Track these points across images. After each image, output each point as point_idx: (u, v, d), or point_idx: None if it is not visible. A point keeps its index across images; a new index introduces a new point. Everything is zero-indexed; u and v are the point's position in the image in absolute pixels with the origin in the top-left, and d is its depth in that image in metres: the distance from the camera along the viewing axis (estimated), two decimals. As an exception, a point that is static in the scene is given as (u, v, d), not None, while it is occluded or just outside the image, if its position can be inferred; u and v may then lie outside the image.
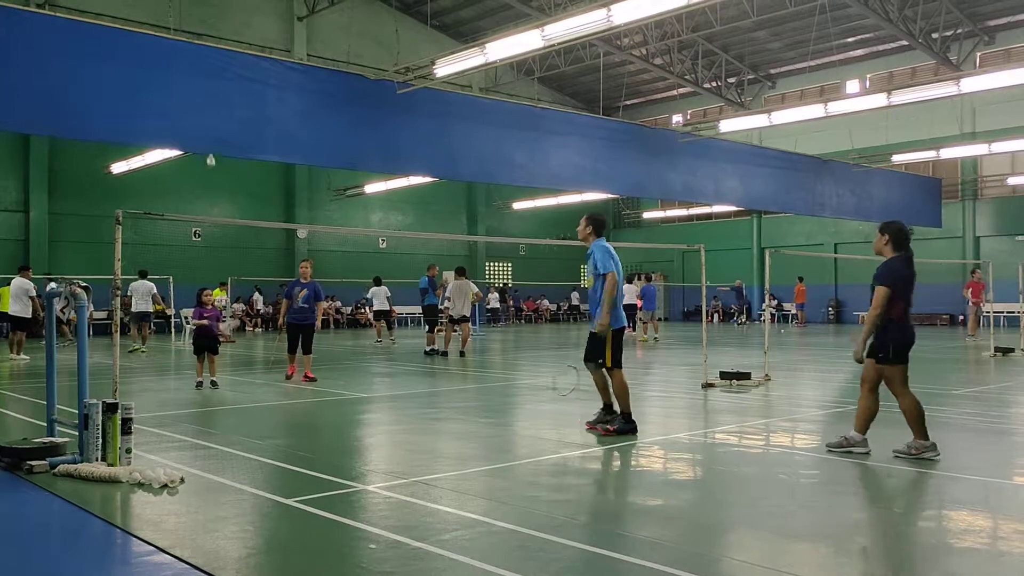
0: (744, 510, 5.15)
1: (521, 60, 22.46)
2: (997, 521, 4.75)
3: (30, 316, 16.60)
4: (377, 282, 22.06)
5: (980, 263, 23.05)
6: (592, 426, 7.61)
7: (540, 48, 13.61)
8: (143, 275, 19.17)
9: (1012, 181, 29.52)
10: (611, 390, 7.55)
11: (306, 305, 12.27)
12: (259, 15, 30.26)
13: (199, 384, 11.29)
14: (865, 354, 6.29)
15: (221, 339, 11.91)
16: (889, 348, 6.20)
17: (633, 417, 7.49)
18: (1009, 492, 5.52)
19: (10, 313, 16.54)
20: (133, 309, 18.90)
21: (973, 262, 25.22)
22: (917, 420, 6.22)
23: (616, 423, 7.45)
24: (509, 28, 16.15)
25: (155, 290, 19.20)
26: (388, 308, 21.59)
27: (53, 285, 6.43)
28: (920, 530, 4.60)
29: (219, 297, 22.90)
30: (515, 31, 13.59)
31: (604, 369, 7.53)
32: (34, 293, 16.60)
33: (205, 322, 11.60)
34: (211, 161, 22.22)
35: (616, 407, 7.59)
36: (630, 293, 24.26)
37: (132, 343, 18.55)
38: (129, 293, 18.99)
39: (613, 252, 7.66)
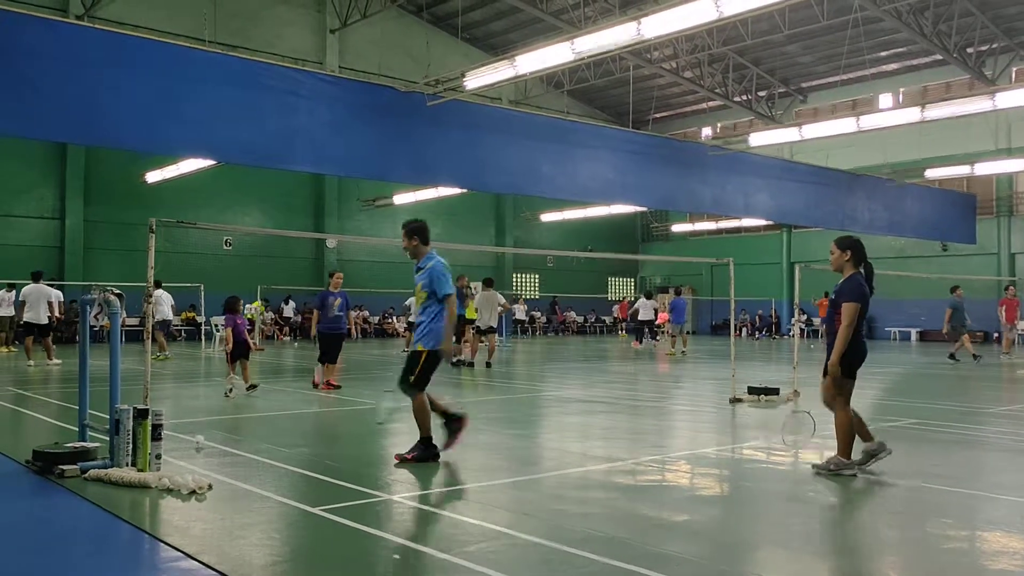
0: (771, 527, 5.09)
1: (551, 73, 22.53)
2: (1032, 544, 4.65)
3: (46, 322, 16.75)
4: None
5: (1015, 280, 22.66)
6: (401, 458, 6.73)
7: (570, 61, 13.63)
8: (158, 285, 19.43)
9: (1049, 197, 29.04)
10: (424, 413, 6.78)
11: (341, 314, 12.43)
12: (292, 27, 30.64)
13: (251, 387, 11.50)
14: (832, 372, 6.13)
15: (251, 347, 12.09)
16: (843, 364, 6.11)
17: (435, 442, 6.76)
18: (1045, 514, 5.41)
19: (26, 320, 16.69)
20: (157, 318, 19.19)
21: (1008, 279, 24.79)
22: (847, 437, 6.17)
23: (416, 449, 6.70)
24: (539, 41, 16.19)
25: (172, 301, 19.63)
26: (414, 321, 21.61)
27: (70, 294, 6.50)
28: (952, 550, 4.52)
29: (253, 307, 23.15)
30: (545, 44, 13.63)
31: (413, 390, 6.76)
32: (53, 299, 16.82)
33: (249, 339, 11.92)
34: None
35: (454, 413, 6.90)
36: (647, 308, 24.27)
37: (156, 352, 18.80)
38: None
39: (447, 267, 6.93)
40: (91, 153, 26.64)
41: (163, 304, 19.11)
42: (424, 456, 6.67)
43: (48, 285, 17.52)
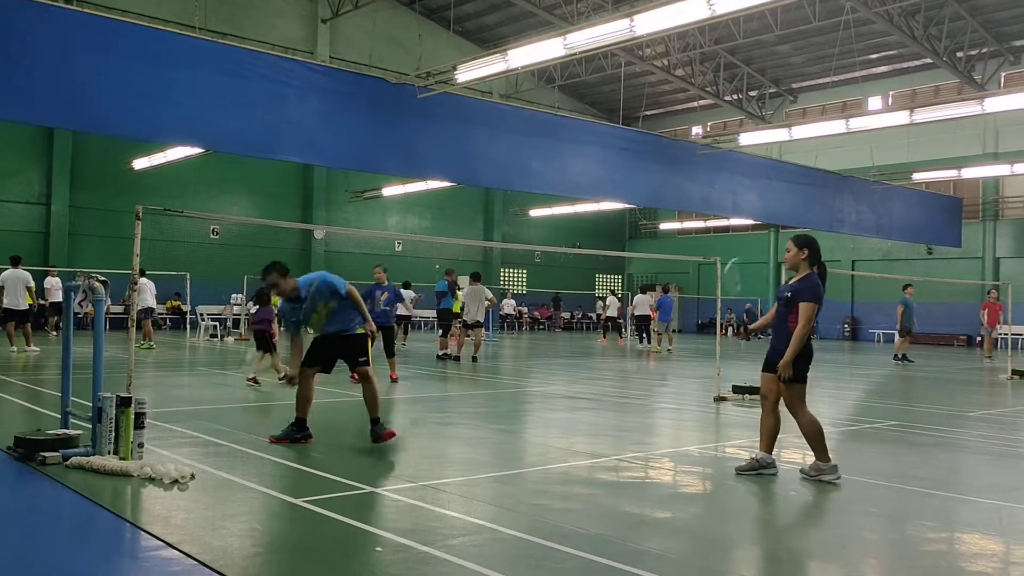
0: (752, 526, 5.12)
1: (542, 68, 22.54)
2: (1009, 546, 4.70)
3: (25, 308, 16.51)
4: (406, 286, 21.93)
5: (998, 284, 22.85)
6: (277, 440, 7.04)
7: (562, 56, 13.63)
8: (142, 273, 19.28)
9: (1033, 203, 29.29)
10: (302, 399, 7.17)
11: (388, 308, 12.69)
12: (283, 16, 30.49)
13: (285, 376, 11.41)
14: (784, 373, 5.97)
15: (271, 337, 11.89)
16: (795, 366, 5.97)
17: (308, 425, 7.09)
18: (1021, 516, 5.46)
19: (6, 306, 16.39)
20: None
21: (992, 283, 25.01)
22: (817, 440, 6.02)
23: (285, 431, 7.06)
24: (531, 36, 16.17)
25: (155, 289, 19.49)
26: (409, 313, 21.54)
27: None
28: (932, 552, 4.56)
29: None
30: (537, 39, 13.63)
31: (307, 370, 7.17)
32: (32, 284, 16.61)
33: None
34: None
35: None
36: (643, 304, 24.27)
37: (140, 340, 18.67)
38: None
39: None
40: (78, 138, 26.45)
41: (145, 292, 18.97)
42: (291, 435, 7.04)
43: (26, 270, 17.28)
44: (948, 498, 5.87)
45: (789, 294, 6.09)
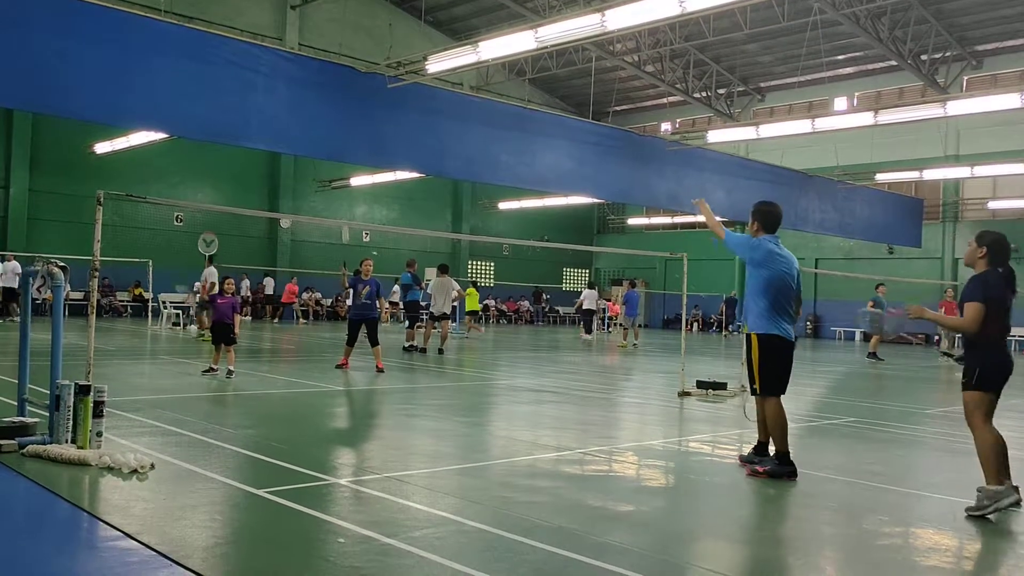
0: (713, 519, 5.18)
1: (513, 60, 22.51)
2: (962, 541, 4.80)
3: None
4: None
5: (956, 284, 23.29)
6: None
7: (533, 49, 13.64)
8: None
9: (992, 205, 29.86)
10: None
11: (368, 301, 12.89)
12: (252, 2, 30.09)
13: (209, 370, 11.01)
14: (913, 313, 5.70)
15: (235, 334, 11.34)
16: (981, 374, 5.32)
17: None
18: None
19: None
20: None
21: (950, 283, 25.48)
22: (989, 460, 5.27)
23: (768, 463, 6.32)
24: (503, 28, 16.16)
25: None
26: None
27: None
28: (887, 546, 4.64)
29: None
30: (509, 31, 13.61)
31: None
32: None
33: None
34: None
35: None
36: (590, 299, 24.62)
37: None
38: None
39: None
40: (38, 121, 25.90)
41: (214, 277, 17.70)
42: (780, 472, 6.08)
43: None
44: (904, 493, 5.98)
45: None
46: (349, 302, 14.40)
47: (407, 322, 18.28)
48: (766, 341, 6.14)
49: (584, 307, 24.90)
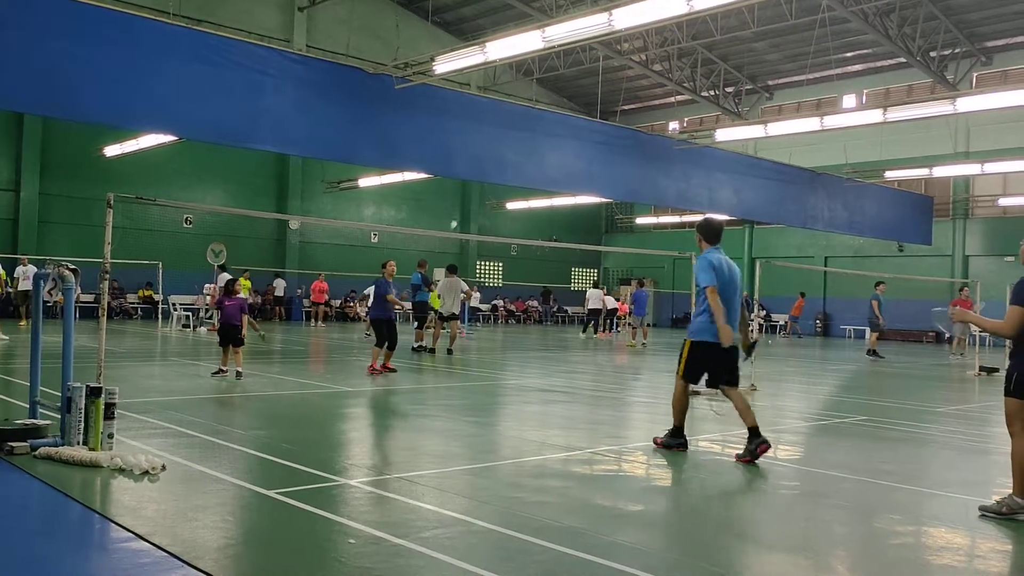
0: (724, 518, 5.16)
1: (520, 60, 22.48)
2: (975, 539, 4.77)
3: None
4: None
5: (968, 282, 23.17)
6: None
7: (540, 49, 13.60)
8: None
9: (1003, 202, 29.69)
10: None
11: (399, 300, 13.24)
12: (259, 4, 30.15)
13: (219, 372, 11.07)
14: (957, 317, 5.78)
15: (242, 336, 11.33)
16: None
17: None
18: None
19: None
20: None
21: (961, 281, 25.33)
22: (1022, 472, 5.08)
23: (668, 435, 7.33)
24: (510, 28, 16.15)
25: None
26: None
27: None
28: (900, 545, 4.62)
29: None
30: (516, 31, 13.58)
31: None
32: (1, 272, 16.39)
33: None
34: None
35: None
36: (595, 298, 24.74)
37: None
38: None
39: None
40: (49, 124, 26.02)
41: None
42: (672, 443, 7.09)
43: None
44: (915, 492, 5.95)
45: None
46: (369, 303, 14.31)
47: (416, 323, 18.30)
48: (695, 346, 7.12)
49: (590, 307, 25.23)
